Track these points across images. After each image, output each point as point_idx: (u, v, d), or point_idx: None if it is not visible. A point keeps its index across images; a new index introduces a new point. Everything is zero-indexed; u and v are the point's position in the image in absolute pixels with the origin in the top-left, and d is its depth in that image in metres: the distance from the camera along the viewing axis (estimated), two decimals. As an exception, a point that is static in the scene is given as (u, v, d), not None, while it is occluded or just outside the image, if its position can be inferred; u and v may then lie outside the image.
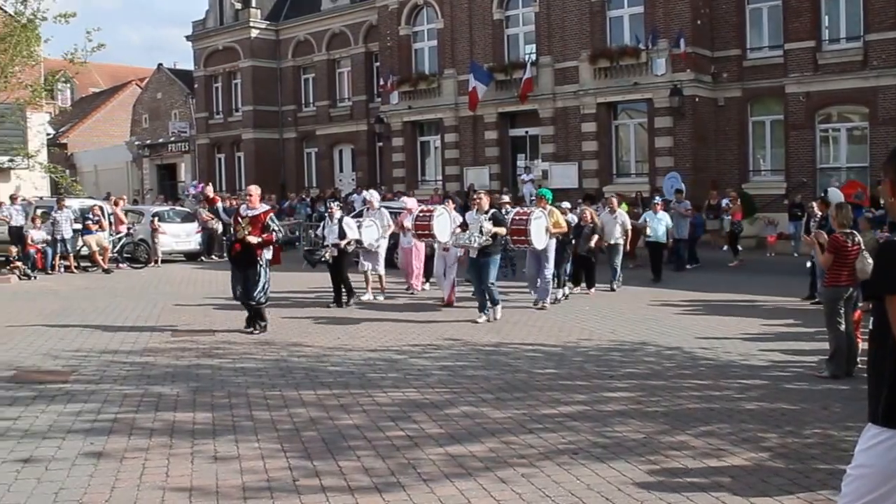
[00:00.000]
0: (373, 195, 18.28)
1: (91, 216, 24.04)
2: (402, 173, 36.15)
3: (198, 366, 10.16)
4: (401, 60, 36.11)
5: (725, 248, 23.89)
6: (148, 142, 51.29)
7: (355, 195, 32.35)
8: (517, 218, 14.59)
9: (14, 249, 22.25)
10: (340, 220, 15.95)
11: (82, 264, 23.70)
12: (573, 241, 16.74)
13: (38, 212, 24.12)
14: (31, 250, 22.50)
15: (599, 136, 30.73)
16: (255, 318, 12.53)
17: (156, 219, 25.67)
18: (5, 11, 21.63)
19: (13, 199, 26.31)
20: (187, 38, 47.47)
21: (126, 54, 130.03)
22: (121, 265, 23.94)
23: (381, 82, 37.43)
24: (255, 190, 12.90)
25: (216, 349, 11.29)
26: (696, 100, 29.12)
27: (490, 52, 33.21)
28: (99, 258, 23.06)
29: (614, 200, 19.24)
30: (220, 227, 26.40)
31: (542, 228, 14.60)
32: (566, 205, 19.45)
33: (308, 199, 36.35)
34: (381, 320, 13.80)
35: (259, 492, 5.81)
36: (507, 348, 11.31)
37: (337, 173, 42.66)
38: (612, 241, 18.18)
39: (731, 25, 29.60)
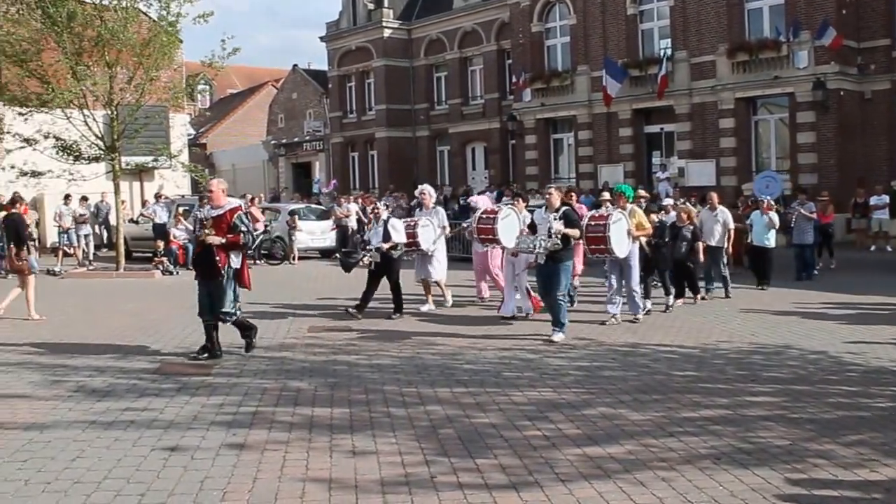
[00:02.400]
0: (427, 190, 15.97)
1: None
2: (535, 171, 36.01)
3: (334, 361, 10.31)
4: (533, 57, 35.97)
5: (873, 248, 22.77)
6: (283, 141, 52.59)
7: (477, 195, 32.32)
8: (593, 223, 12.67)
9: (159, 244, 23.12)
10: (386, 222, 14.28)
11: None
12: (667, 245, 14.74)
13: (181, 210, 25.03)
14: (174, 246, 23.36)
15: (738, 132, 29.91)
16: (242, 333, 10.83)
17: (293, 216, 26.28)
18: (149, 17, 22.45)
19: (158, 197, 27.40)
20: (321, 38, 48.51)
21: (261, 56, 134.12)
22: (258, 262, 24.58)
23: (514, 80, 37.39)
24: (216, 185, 10.66)
25: (351, 345, 11.45)
26: (841, 93, 28.02)
27: (624, 47, 32.75)
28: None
29: (714, 196, 17.45)
30: (355, 225, 26.89)
31: (624, 232, 12.69)
32: (668, 201, 18.26)
33: (441, 198, 36.53)
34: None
35: (397, 487, 5.83)
36: (645, 349, 11.08)
37: (469, 171, 42.83)
38: (713, 243, 16.34)
39: (878, 14, 28.36)
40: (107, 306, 15.68)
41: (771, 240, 17.63)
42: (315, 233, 27.18)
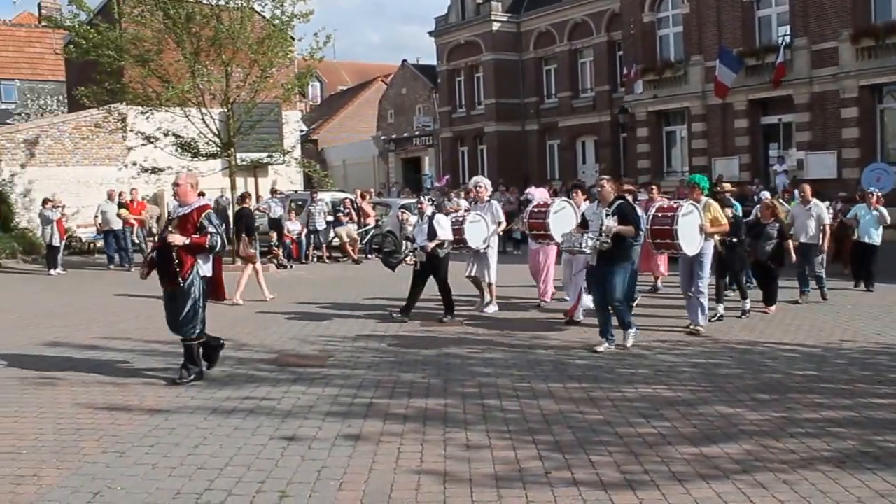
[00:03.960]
0: (483, 183, 14.70)
1: (342, 209, 25.20)
2: (647, 164, 35.48)
3: (446, 355, 10.37)
4: (645, 48, 35.41)
5: None
6: (393, 136, 53.09)
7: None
8: (660, 215, 11.51)
9: (274, 237, 23.62)
10: (431, 218, 13.27)
11: (334, 255, 24.84)
12: (742, 244, 13.29)
13: (294, 205, 25.54)
14: (287, 241, 23.84)
15: (861, 122, 28.79)
16: (205, 353, 9.40)
17: (403, 211, 26.48)
18: (263, 17, 22.93)
19: (272, 192, 27.98)
20: (430, 33, 48.78)
21: (370, 53, 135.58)
22: (369, 256, 24.84)
23: (625, 71, 36.88)
24: (183, 179, 9.26)
25: (464, 339, 11.49)
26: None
27: (739, 36, 31.88)
28: (349, 249, 24.09)
29: (807, 189, 15.60)
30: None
31: (695, 227, 11.48)
32: (766, 195, 17.17)
33: (550, 192, 36.32)
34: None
35: (511, 482, 5.83)
36: (762, 347, 10.78)
37: (580, 165, 42.49)
38: (806, 240, 14.86)
39: None
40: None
41: (877, 237, 16.23)
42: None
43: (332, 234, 24.60)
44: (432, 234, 12.99)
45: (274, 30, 22.33)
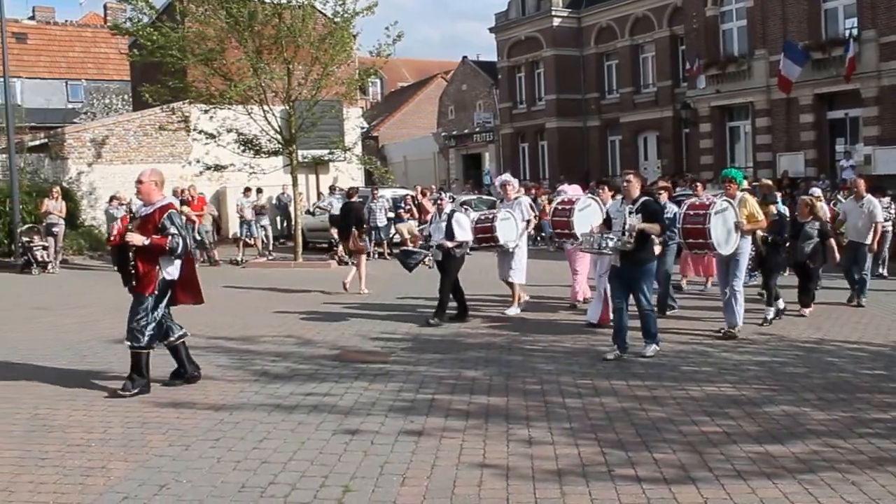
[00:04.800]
0: (510, 181, 14.22)
1: (403, 205, 25.28)
2: (710, 160, 35.00)
3: (508, 352, 10.38)
4: (707, 42, 34.94)
5: None
6: (454, 133, 53.13)
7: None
8: (691, 212, 10.82)
9: (334, 233, 23.80)
10: (450, 216, 12.74)
11: (395, 251, 24.91)
12: (786, 244, 12.42)
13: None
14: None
15: (933, 115, 28.13)
16: (131, 371, 8.40)
17: (464, 208, 26.52)
18: (324, 14, 23.12)
19: (332, 189, 28.20)
20: (490, 30, 48.73)
21: (429, 50, 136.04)
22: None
23: (687, 66, 36.42)
24: (146, 177, 8.55)
25: (526, 335, 11.45)
26: None
27: (805, 29, 31.29)
28: (411, 245, 24.12)
29: (861, 183, 14.42)
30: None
31: (730, 225, 10.80)
32: (816, 191, 16.41)
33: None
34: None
35: (575, 478, 5.81)
36: (829, 346, 10.61)
37: (641, 161, 42.10)
38: (855, 238, 13.84)
39: None
40: (285, 295, 16.28)
41: None
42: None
43: (393, 230, 24.70)
44: (450, 232, 12.54)
45: (335, 27, 22.51)
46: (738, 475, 5.84)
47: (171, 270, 8.40)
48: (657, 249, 11.31)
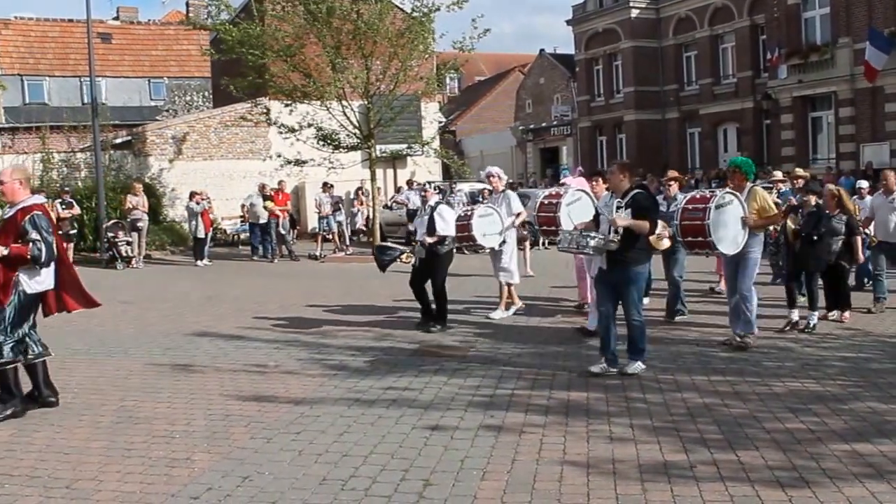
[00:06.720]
0: (496, 173, 12.98)
1: (480, 199, 25.27)
2: (792, 152, 34.30)
3: (588, 346, 10.26)
4: (789, 31, 34.22)
5: None
6: (531, 126, 52.94)
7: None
8: (689, 207, 9.71)
9: (410, 228, 23.92)
10: (433, 209, 11.58)
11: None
12: (821, 239, 11.11)
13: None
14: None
15: None
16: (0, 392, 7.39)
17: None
18: (402, 10, 23.24)
19: (410, 183, 28.33)
20: (567, 22, 48.44)
21: (506, 43, 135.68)
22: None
23: (768, 56, 35.76)
24: (7, 175, 7.48)
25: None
26: None
27: (891, 15, 30.46)
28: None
29: (891, 176, 12.85)
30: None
31: (735, 220, 9.71)
32: (864, 184, 14.86)
33: (692, 182, 35.57)
34: None
35: (656, 475, 5.75)
36: (917, 341, 10.34)
37: (721, 153, 41.41)
38: (883, 237, 12.54)
39: None
40: (363, 289, 16.41)
41: None
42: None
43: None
44: (432, 226, 11.41)
45: (413, 22, 22.61)
46: (823, 474, 5.72)
47: (35, 283, 7.35)
48: (665, 244, 10.94)
